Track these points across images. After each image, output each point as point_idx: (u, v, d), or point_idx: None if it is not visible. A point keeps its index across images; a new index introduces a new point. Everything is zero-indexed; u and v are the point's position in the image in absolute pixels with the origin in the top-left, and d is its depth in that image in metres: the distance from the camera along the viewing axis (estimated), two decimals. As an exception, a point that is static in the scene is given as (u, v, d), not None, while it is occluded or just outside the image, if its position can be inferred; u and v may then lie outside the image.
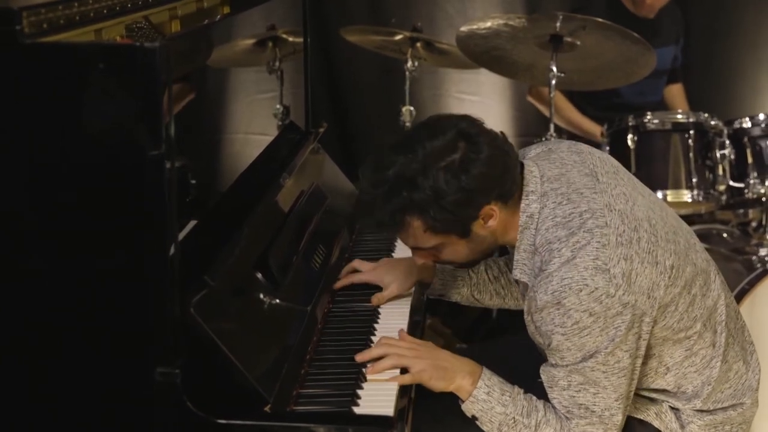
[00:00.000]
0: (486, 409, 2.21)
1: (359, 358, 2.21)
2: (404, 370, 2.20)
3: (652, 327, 2.19)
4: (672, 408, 2.34)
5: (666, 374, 2.29)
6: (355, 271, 2.65)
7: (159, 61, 1.70)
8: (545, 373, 2.22)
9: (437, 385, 2.21)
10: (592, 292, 2.09)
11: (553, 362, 2.19)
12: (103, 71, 1.70)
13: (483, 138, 2.16)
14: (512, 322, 3.02)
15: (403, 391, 2.16)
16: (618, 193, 2.23)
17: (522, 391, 2.25)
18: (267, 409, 1.91)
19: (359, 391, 2.09)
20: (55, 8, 1.80)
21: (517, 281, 2.30)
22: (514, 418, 2.20)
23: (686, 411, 2.33)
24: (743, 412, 2.36)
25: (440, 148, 2.14)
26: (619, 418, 2.19)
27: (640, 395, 2.36)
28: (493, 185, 2.16)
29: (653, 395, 2.34)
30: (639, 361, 2.20)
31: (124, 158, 1.75)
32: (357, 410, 2.01)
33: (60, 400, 1.85)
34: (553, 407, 2.22)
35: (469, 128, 2.17)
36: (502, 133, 2.24)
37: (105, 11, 2.05)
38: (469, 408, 2.22)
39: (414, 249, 2.30)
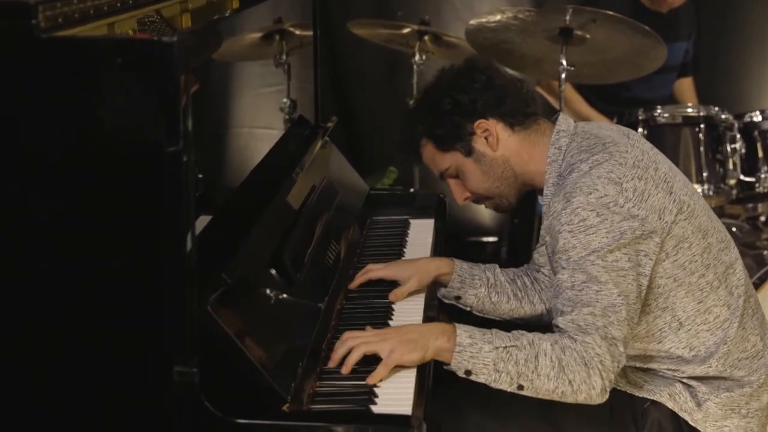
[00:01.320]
0: (475, 354, 2.13)
1: (331, 364, 2.14)
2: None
3: (664, 261, 2.24)
4: (687, 387, 2.32)
5: (678, 330, 2.29)
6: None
7: (177, 55, 1.67)
8: (551, 286, 2.29)
9: (412, 358, 2.12)
10: (601, 197, 2.19)
11: (560, 267, 2.21)
12: (121, 66, 1.67)
13: (487, 67, 2.44)
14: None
15: (420, 385, 2.12)
16: (647, 148, 2.35)
17: (499, 330, 2.19)
18: (285, 408, 1.89)
19: (376, 389, 2.07)
20: (70, 2, 1.78)
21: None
22: (504, 347, 2.13)
23: (701, 388, 2.31)
24: (758, 390, 2.35)
25: (444, 79, 2.45)
26: (623, 316, 2.15)
27: (653, 372, 2.35)
28: (490, 101, 2.38)
29: (666, 366, 2.32)
30: (643, 282, 2.21)
31: (141, 154, 1.73)
32: (375, 409, 1.98)
33: (76, 400, 1.83)
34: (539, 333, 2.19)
35: (479, 59, 2.51)
36: (521, 80, 2.52)
37: (118, 5, 2.02)
38: (458, 362, 2.14)
39: (443, 178, 2.49)
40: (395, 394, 2.06)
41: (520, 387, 2.14)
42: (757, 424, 2.36)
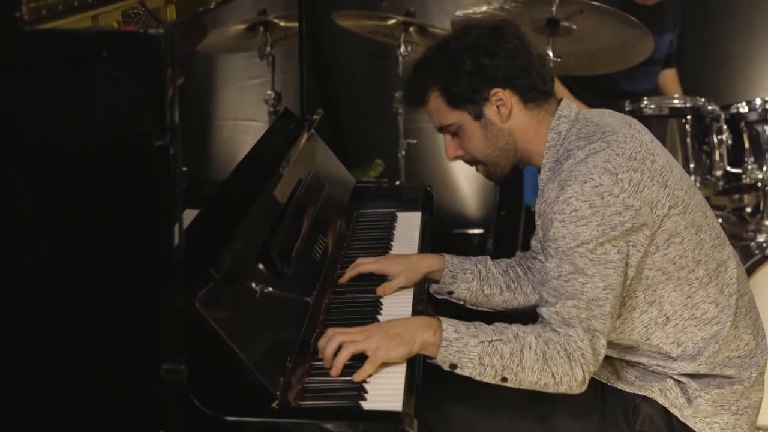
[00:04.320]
0: (461, 348, 2.13)
1: (326, 363, 2.11)
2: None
3: (654, 254, 2.23)
4: (678, 383, 2.32)
5: (665, 325, 2.29)
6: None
7: (163, 48, 1.65)
8: (539, 272, 2.27)
9: (399, 353, 2.11)
10: (596, 187, 2.17)
11: (548, 255, 2.21)
12: (106, 59, 1.65)
13: (516, 37, 2.37)
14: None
15: (410, 380, 2.11)
16: (647, 140, 2.33)
17: (482, 323, 2.19)
18: (275, 405, 1.87)
19: (366, 385, 2.05)
20: (55, -6, 1.76)
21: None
22: (490, 341, 2.13)
23: (692, 385, 2.31)
24: (749, 389, 2.34)
25: (470, 37, 2.37)
26: (607, 310, 2.16)
27: (642, 368, 2.34)
28: (509, 72, 2.33)
29: (656, 362, 2.32)
30: (630, 273, 2.21)
31: (128, 147, 1.70)
32: (365, 405, 1.97)
33: (63, 398, 1.81)
34: (521, 325, 2.19)
35: (510, 24, 2.40)
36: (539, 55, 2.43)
37: (103, -4, 2.00)
38: (444, 356, 2.13)
39: (442, 131, 2.44)
40: (385, 390, 2.04)
41: (504, 379, 2.15)
42: (746, 422, 2.36)
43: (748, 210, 4.31)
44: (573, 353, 2.13)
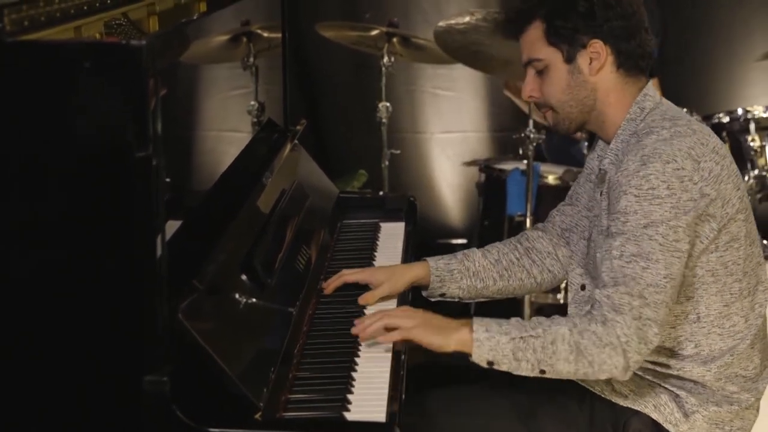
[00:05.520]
0: (494, 346, 2.16)
1: (354, 330, 2.25)
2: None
3: (712, 253, 2.22)
4: (674, 397, 2.30)
5: (694, 323, 2.27)
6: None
7: (145, 59, 1.65)
8: (601, 247, 2.23)
9: (434, 340, 2.19)
10: (678, 170, 2.16)
11: (614, 230, 2.18)
12: (89, 70, 1.65)
13: (637, 4, 2.33)
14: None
15: (394, 391, 2.11)
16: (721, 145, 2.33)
17: (519, 319, 2.22)
18: (258, 416, 1.87)
19: (349, 396, 2.05)
20: (37, 5, 1.76)
21: (599, 175, 2.36)
22: (521, 336, 2.15)
23: (690, 400, 2.29)
24: (744, 410, 2.33)
25: None
26: (662, 298, 2.14)
27: (639, 378, 2.32)
28: (617, 30, 2.29)
29: (664, 360, 2.28)
30: (689, 264, 2.20)
31: (111, 158, 1.70)
32: (349, 416, 1.96)
33: (44, 410, 1.80)
34: (558, 317, 2.20)
35: None
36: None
37: (85, 8, 2.00)
38: (479, 355, 2.17)
39: (527, 66, 2.38)
40: (369, 401, 2.04)
41: (542, 371, 2.17)
42: None
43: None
44: (614, 341, 2.12)
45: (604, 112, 2.34)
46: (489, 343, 2.16)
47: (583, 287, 2.40)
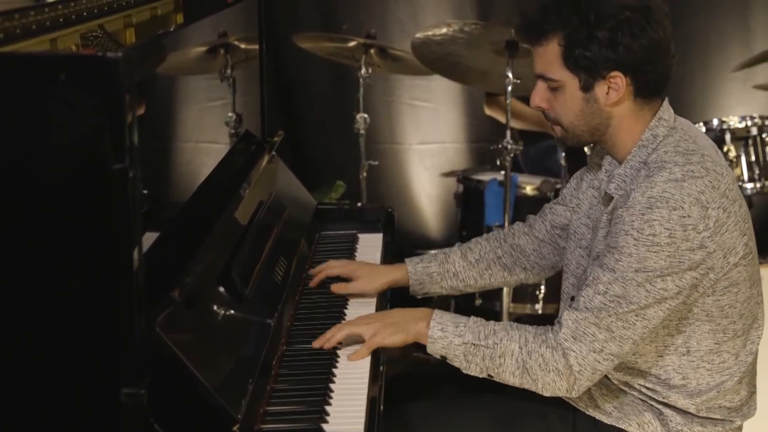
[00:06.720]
0: (446, 345, 2.22)
1: (315, 344, 2.28)
2: None
3: (709, 297, 2.18)
4: (659, 415, 2.28)
5: (683, 356, 2.24)
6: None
7: (122, 71, 1.64)
8: (592, 272, 2.18)
9: (394, 340, 2.26)
10: (683, 217, 2.09)
11: (606, 262, 2.14)
12: (65, 82, 1.64)
13: (662, 25, 2.17)
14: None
15: (372, 403, 2.11)
16: (733, 176, 2.27)
17: (480, 319, 2.24)
18: (236, 428, 1.86)
19: (327, 408, 2.05)
20: (12, 17, 1.75)
21: (604, 197, 2.29)
22: (473, 344, 2.20)
23: (676, 419, 2.27)
24: (730, 431, 2.32)
25: (620, 7, 2.15)
26: (629, 334, 2.12)
27: (623, 398, 2.30)
28: (642, 63, 2.16)
29: (651, 384, 2.26)
30: (677, 308, 2.15)
31: (87, 170, 1.69)
32: (327, 428, 1.97)
33: (20, 423, 1.78)
34: (517, 328, 2.21)
35: (661, 8, 2.19)
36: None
37: (61, 20, 2.00)
38: (432, 349, 2.24)
39: (538, 78, 2.26)
40: (347, 413, 2.04)
41: (490, 376, 2.22)
42: None
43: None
44: (562, 368, 2.13)
45: (615, 135, 2.25)
46: (442, 342, 2.22)
47: (572, 299, 2.39)
